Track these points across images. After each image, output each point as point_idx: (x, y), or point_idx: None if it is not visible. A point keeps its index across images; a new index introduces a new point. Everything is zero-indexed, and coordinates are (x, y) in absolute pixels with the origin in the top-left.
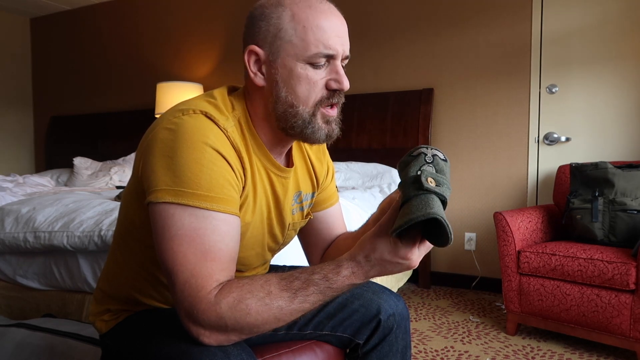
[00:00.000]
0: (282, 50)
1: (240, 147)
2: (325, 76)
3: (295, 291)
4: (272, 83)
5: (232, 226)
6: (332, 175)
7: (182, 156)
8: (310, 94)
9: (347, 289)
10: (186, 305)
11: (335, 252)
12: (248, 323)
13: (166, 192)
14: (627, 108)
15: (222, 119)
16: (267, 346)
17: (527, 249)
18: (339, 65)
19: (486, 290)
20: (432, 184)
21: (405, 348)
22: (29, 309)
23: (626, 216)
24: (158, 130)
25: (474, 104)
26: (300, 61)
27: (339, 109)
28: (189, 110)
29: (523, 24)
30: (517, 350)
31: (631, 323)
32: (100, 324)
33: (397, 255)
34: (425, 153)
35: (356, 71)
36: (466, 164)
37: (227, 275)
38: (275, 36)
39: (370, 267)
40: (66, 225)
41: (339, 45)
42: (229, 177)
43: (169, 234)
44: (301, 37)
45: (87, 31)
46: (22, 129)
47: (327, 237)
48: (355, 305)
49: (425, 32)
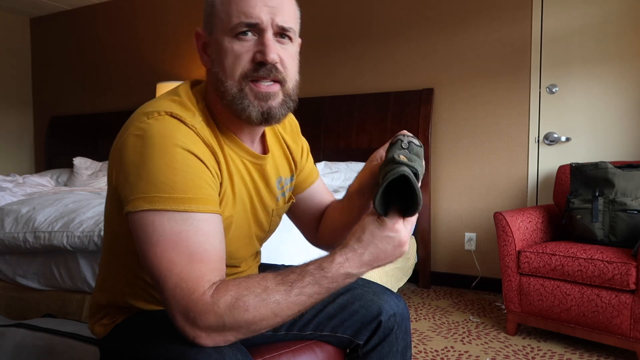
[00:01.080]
0: (214, 26)
1: (212, 141)
2: (252, 49)
3: (291, 284)
4: (212, 62)
5: (214, 225)
6: (308, 152)
7: (154, 162)
8: (235, 66)
9: (342, 278)
10: (181, 309)
11: (329, 222)
12: (246, 320)
13: (142, 199)
14: (627, 108)
15: (189, 116)
16: (267, 346)
17: (527, 249)
18: (267, 37)
19: (486, 290)
20: (404, 159)
21: (405, 348)
22: (29, 309)
23: (626, 216)
24: (126, 137)
25: (474, 104)
26: (227, 35)
27: (290, 87)
28: (153, 113)
29: (523, 23)
30: (517, 351)
31: (631, 323)
32: (99, 328)
33: (385, 228)
34: (402, 140)
35: (356, 71)
36: (466, 164)
37: (218, 274)
38: (210, 14)
39: (363, 249)
40: (66, 225)
41: (264, 14)
42: (204, 175)
43: (151, 241)
44: (226, 10)
45: (87, 31)
46: (22, 129)
47: (317, 213)
48: (356, 306)
49: (425, 32)
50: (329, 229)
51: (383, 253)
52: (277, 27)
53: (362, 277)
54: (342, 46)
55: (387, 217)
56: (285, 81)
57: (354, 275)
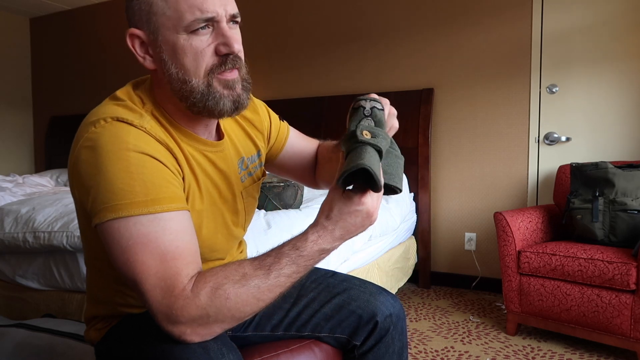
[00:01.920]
0: (160, 25)
1: (165, 138)
2: (212, 42)
3: (269, 267)
4: (161, 63)
5: (182, 221)
6: (270, 113)
7: (109, 170)
8: (199, 63)
9: (318, 254)
10: (163, 309)
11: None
12: (229, 308)
13: (105, 210)
14: (627, 108)
15: (137, 117)
16: (265, 345)
17: (528, 249)
18: (224, 27)
19: (486, 291)
20: (367, 136)
21: (401, 349)
22: (29, 309)
23: (626, 216)
24: (78, 151)
25: (474, 104)
26: (180, 32)
27: (244, 71)
28: (99, 121)
29: (523, 23)
30: (517, 351)
31: (631, 323)
32: (94, 333)
33: (352, 202)
34: (364, 106)
35: (356, 71)
36: (466, 164)
37: (195, 267)
38: (149, 13)
39: (333, 225)
40: (66, 225)
41: (217, 6)
42: (163, 174)
43: (121, 248)
44: (174, 8)
45: (86, 31)
46: (21, 129)
47: (307, 162)
48: (352, 307)
49: (425, 32)
50: (326, 169)
51: (353, 226)
52: (229, 16)
53: (358, 277)
54: (342, 46)
55: (353, 191)
56: (242, 66)
57: (328, 250)
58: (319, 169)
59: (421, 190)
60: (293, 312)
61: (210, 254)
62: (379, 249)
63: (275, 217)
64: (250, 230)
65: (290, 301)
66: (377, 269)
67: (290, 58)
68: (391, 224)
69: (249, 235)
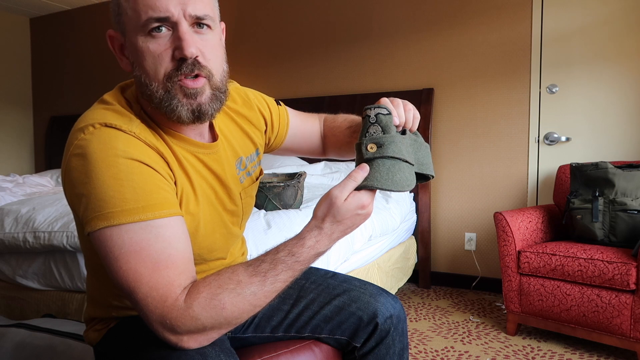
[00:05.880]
0: (125, 26)
1: (156, 143)
2: (170, 45)
3: (264, 274)
4: (132, 65)
5: (175, 227)
6: (271, 103)
7: (98, 178)
8: (156, 68)
9: (314, 258)
10: (157, 318)
11: (336, 131)
12: (226, 317)
13: (97, 218)
14: (627, 108)
15: (125, 122)
16: (265, 346)
17: (528, 249)
18: (182, 30)
19: (486, 291)
20: (373, 149)
21: (402, 350)
22: (28, 309)
23: (626, 216)
24: (68, 159)
25: (474, 104)
26: (139, 34)
27: (218, 80)
28: (88, 127)
29: (523, 23)
30: (517, 351)
31: (631, 323)
32: (93, 334)
33: (356, 207)
34: (369, 115)
35: (356, 71)
36: (466, 164)
37: (188, 277)
38: (118, 14)
39: (333, 228)
40: (66, 225)
41: (172, 5)
42: (154, 180)
43: (113, 255)
44: (133, 7)
45: (87, 31)
46: (21, 129)
47: (314, 139)
48: (353, 308)
49: (425, 32)
50: (334, 143)
51: (351, 228)
52: (190, 17)
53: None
54: (343, 46)
55: (363, 193)
56: (212, 75)
57: (323, 252)
58: (327, 143)
59: (421, 190)
60: (293, 313)
61: (210, 254)
62: (379, 249)
63: (275, 217)
64: (251, 231)
65: (290, 302)
66: (377, 269)
67: (291, 58)
68: (391, 224)
69: (249, 235)
